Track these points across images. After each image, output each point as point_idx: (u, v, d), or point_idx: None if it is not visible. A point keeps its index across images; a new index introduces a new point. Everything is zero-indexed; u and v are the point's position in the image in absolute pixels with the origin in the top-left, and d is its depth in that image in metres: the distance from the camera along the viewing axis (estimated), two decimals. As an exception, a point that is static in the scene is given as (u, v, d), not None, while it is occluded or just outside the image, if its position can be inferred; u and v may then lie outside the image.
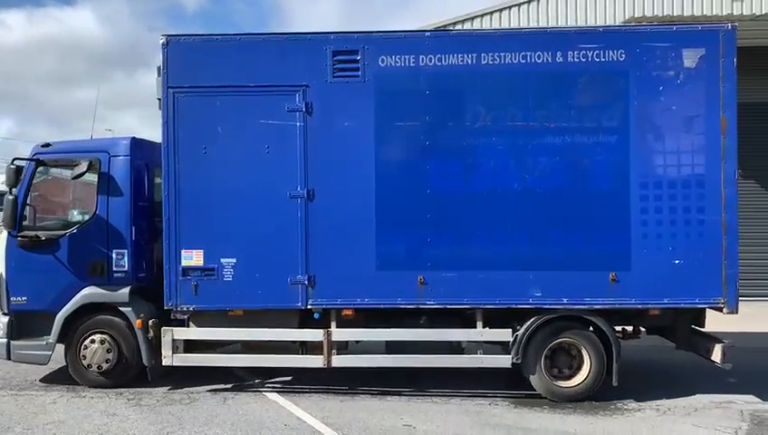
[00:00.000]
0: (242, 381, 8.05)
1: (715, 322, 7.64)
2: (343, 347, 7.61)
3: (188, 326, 7.52)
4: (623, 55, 7.11)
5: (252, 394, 7.65)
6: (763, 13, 12.13)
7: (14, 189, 7.44)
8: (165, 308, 7.38)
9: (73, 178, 7.63)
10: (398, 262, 7.25)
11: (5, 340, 7.67)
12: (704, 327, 7.65)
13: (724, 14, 12.40)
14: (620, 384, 7.32)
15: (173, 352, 7.44)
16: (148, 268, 7.82)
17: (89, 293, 7.59)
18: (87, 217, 7.78)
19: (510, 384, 7.80)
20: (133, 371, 7.70)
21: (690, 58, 7.10)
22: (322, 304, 7.33)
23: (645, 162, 7.14)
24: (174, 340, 7.44)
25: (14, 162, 7.47)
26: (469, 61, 7.20)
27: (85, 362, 7.62)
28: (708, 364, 7.47)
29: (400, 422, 6.72)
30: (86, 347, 7.60)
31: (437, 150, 7.25)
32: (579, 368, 7.43)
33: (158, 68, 8.40)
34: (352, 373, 7.86)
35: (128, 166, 7.68)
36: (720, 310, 7.16)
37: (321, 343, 7.35)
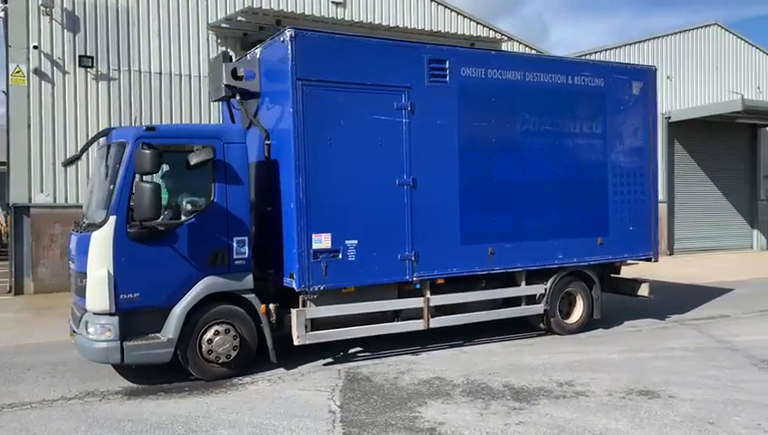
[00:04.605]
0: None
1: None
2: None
3: (307, 306, 7.93)
4: (603, 82, 9.96)
5: None
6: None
7: (146, 176, 6.83)
8: (298, 290, 7.70)
9: (193, 165, 7.30)
10: (476, 237, 8.88)
11: (118, 342, 6.98)
12: (619, 275, 10.99)
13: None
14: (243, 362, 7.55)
15: (305, 331, 7.79)
16: None
17: (212, 283, 7.38)
18: (194, 207, 7.48)
19: (127, 373, 7.53)
20: (252, 357, 7.72)
21: (636, 87, 10.31)
22: (424, 275, 8.54)
23: (613, 159, 10.10)
24: (306, 319, 7.80)
25: (144, 147, 6.84)
26: (519, 76, 9.22)
27: (210, 355, 7.39)
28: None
29: None
30: (211, 339, 7.37)
31: (499, 146, 9.09)
32: (570, 311, 10.10)
33: (224, 53, 8.41)
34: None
35: (245, 153, 7.66)
36: (650, 260, 10.57)
37: (420, 309, 8.59)
